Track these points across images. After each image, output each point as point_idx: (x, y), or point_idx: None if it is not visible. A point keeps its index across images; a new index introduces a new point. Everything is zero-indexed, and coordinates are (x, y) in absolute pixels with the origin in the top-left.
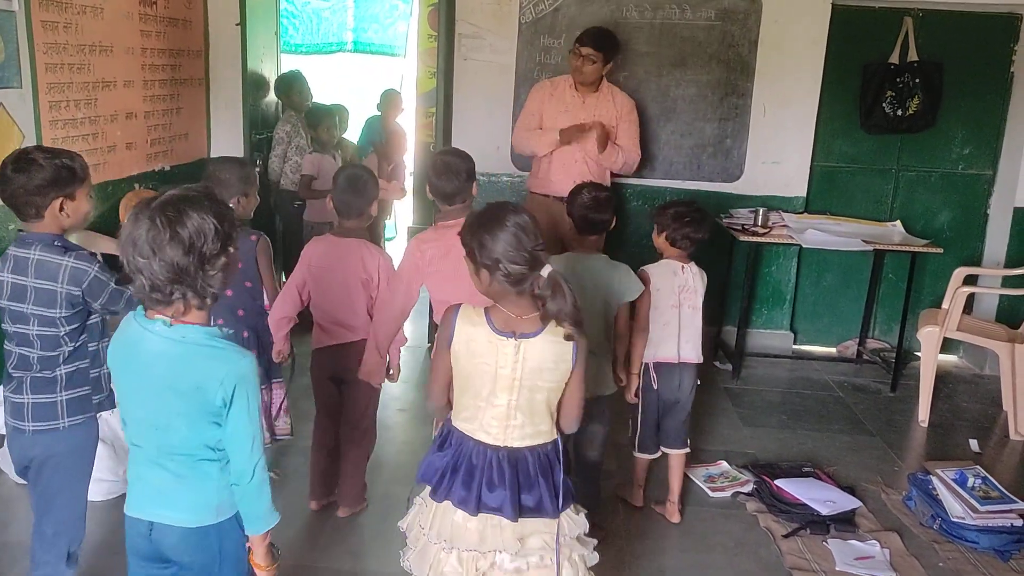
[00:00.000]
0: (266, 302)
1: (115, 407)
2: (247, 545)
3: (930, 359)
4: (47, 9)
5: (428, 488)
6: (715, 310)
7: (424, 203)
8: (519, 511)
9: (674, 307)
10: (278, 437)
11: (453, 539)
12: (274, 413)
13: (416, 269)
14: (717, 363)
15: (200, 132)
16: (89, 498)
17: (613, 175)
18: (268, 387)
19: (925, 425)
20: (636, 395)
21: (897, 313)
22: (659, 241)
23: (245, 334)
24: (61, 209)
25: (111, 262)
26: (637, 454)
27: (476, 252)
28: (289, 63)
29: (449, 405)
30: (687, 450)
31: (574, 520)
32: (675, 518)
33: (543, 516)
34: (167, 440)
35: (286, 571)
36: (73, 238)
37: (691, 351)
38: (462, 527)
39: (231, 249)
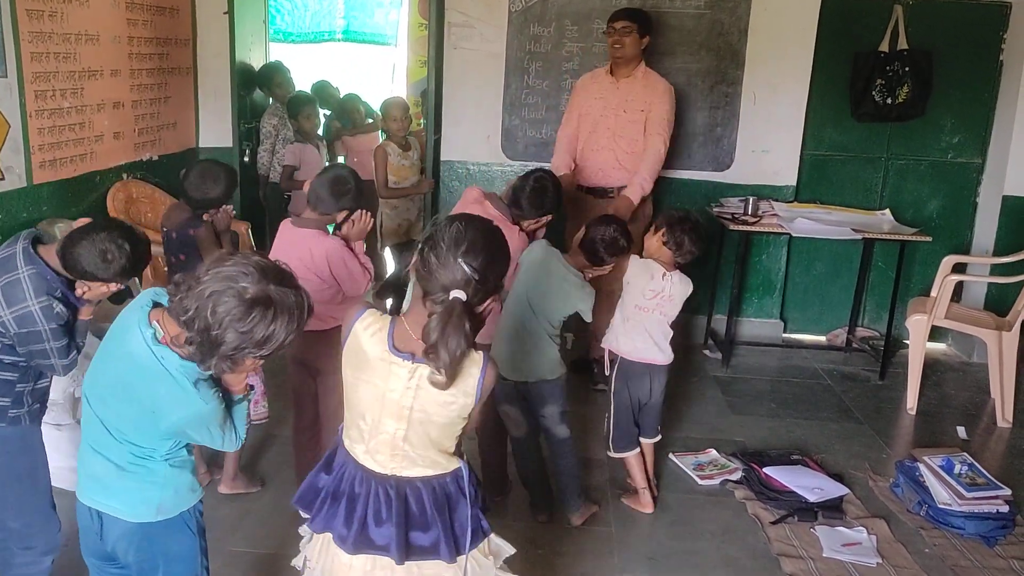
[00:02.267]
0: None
1: (38, 423)
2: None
3: (918, 347)
4: None
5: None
6: (705, 299)
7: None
8: (407, 552)
9: (640, 309)
10: (255, 421)
11: None
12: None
13: None
14: (707, 352)
15: (188, 122)
16: (67, 487)
17: None
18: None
19: (913, 413)
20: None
21: (887, 301)
22: (651, 240)
23: None
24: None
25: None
26: (613, 454)
27: (434, 230)
28: (279, 52)
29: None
30: (659, 438)
31: (480, 564)
32: (649, 508)
33: (438, 558)
34: (112, 432)
35: (278, 559)
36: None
37: (658, 353)
38: (346, 567)
39: (259, 354)
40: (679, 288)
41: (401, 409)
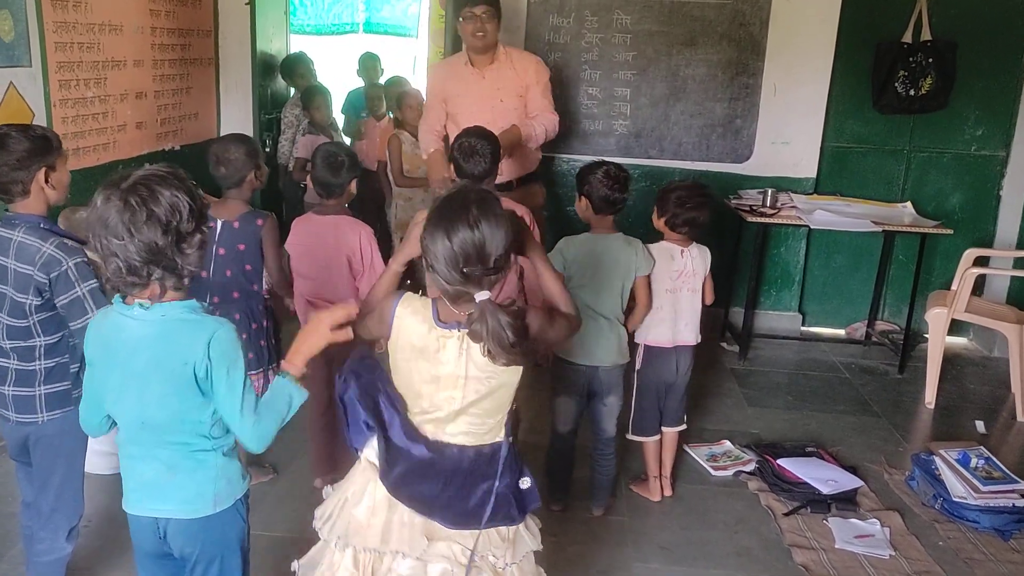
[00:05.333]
0: (265, 284)
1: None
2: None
3: (937, 340)
4: None
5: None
6: (723, 291)
7: None
8: (456, 518)
9: (669, 292)
10: None
11: (349, 535)
12: None
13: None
14: (724, 344)
15: (210, 112)
16: (95, 472)
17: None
18: (263, 372)
19: (932, 407)
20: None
21: (907, 295)
22: (659, 224)
23: (237, 316)
24: (47, 180)
25: None
26: (632, 436)
27: (425, 245)
28: (300, 44)
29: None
30: (683, 427)
31: (493, 543)
32: (656, 496)
33: (454, 527)
34: (156, 430)
35: (294, 543)
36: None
37: (689, 334)
38: (363, 524)
39: (205, 228)
40: (700, 260)
41: (456, 379)
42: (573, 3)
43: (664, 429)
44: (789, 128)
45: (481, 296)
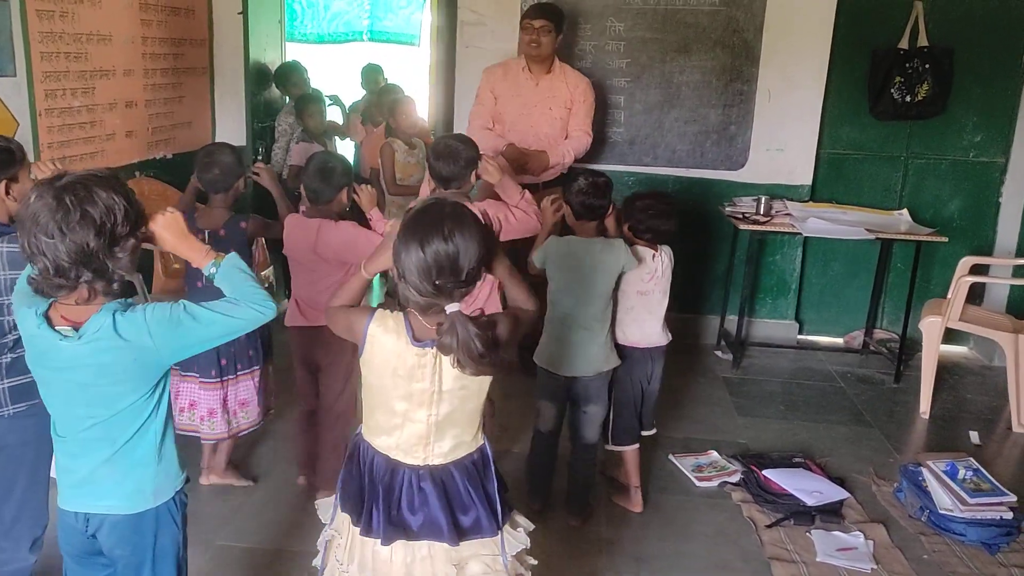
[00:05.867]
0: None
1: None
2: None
3: (931, 349)
4: None
5: (334, 517)
6: (719, 299)
7: None
8: (459, 533)
9: (641, 294)
10: (244, 431)
11: (376, 572)
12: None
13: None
14: (718, 353)
15: (204, 120)
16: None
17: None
18: (263, 369)
19: (926, 417)
20: None
21: (905, 303)
22: (624, 230)
23: None
24: (8, 192)
25: None
26: (611, 447)
27: (397, 255)
28: (300, 52)
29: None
30: (654, 431)
31: (514, 536)
32: (638, 507)
33: (482, 536)
34: (98, 427)
35: (268, 555)
36: None
37: (659, 336)
38: (386, 561)
39: (139, 233)
40: (668, 262)
41: (431, 395)
42: (566, 11)
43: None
44: (784, 135)
45: (451, 308)
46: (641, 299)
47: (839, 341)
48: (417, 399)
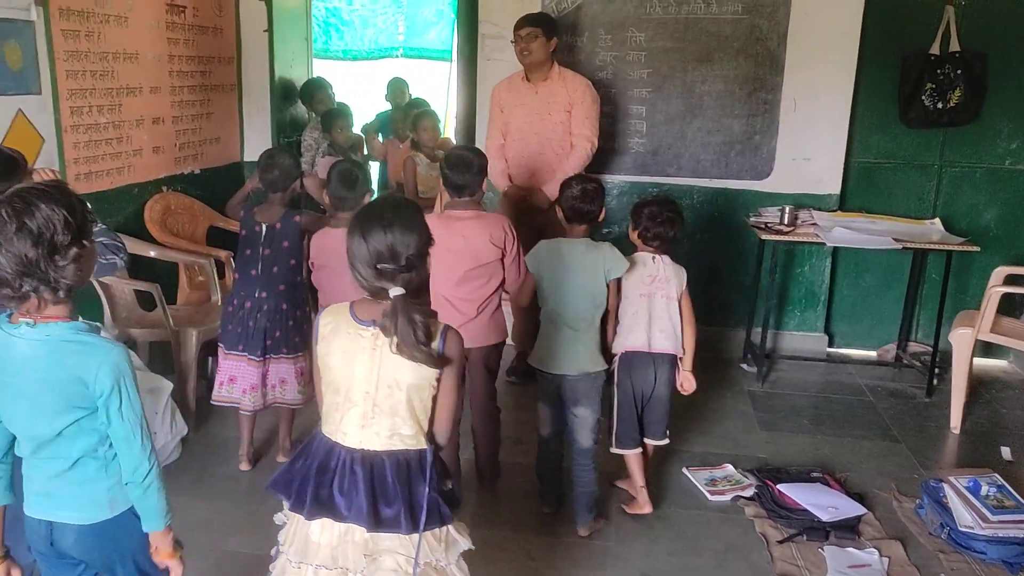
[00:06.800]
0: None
1: None
2: (152, 544)
3: (962, 362)
4: (68, 19)
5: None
6: (745, 311)
7: None
8: (376, 521)
9: (643, 296)
10: (292, 404)
11: (306, 555)
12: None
13: None
14: (744, 366)
15: (232, 136)
16: None
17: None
18: (306, 354)
19: (957, 432)
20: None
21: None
22: (632, 236)
23: (284, 306)
24: None
25: (133, 262)
26: (614, 449)
27: (348, 247)
28: (330, 68)
29: None
30: (666, 441)
31: (431, 547)
32: (647, 508)
33: (398, 531)
34: (47, 442)
35: (258, 560)
36: None
37: (664, 341)
38: (315, 544)
39: (85, 242)
40: (672, 269)
41: (369, 373)
42: (586, 22)
43: (648, 441)
44: (811, 144)
45: (394, 292)
46: (643, 302)
47: (872, 354)
48: (357, 377)
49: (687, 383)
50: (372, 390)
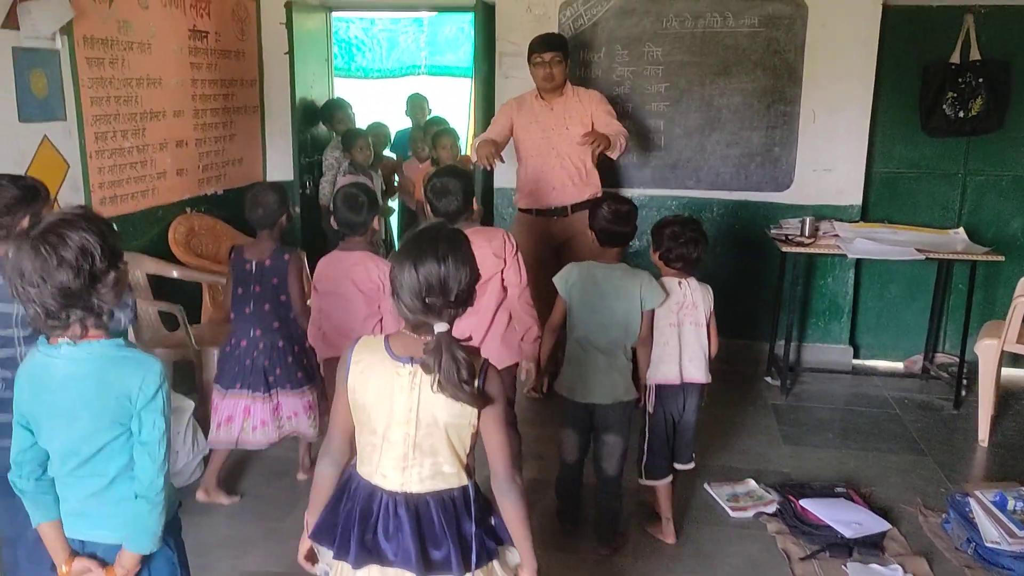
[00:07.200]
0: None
1: None
2: (118, 561)
3: (989, 373)
4: (92, 47)
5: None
6: (768, 324)
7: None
8: (426, 565)
9: (672, 326)
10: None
11: None
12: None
13: None
14: (768, 379)
15: (255, 157)
16: None
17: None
18: (307, 389)
19: (985, 445)
20: (640, 408)
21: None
22: (654, 258)
23: (280, 343)
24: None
25: (158, 283)
26: (644, 481)
27: (393, 273)
28: (352, 88)
29: (354, 452)
30: (692, 465)
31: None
32: (670, 538)
33: (448, 573)
34: (86, 460)
35: None
36: None
37: (695, 370)
38: None
39: (120, 264)
40: (699, 292)
41: (408, 413)
42: (603, 38)
43: (676, 466)
44: (831, 155)
45: (439, 328)
46: (672, 332)
47: (899, 366)
48: (395, 417)
49: None
50: (412, 430)
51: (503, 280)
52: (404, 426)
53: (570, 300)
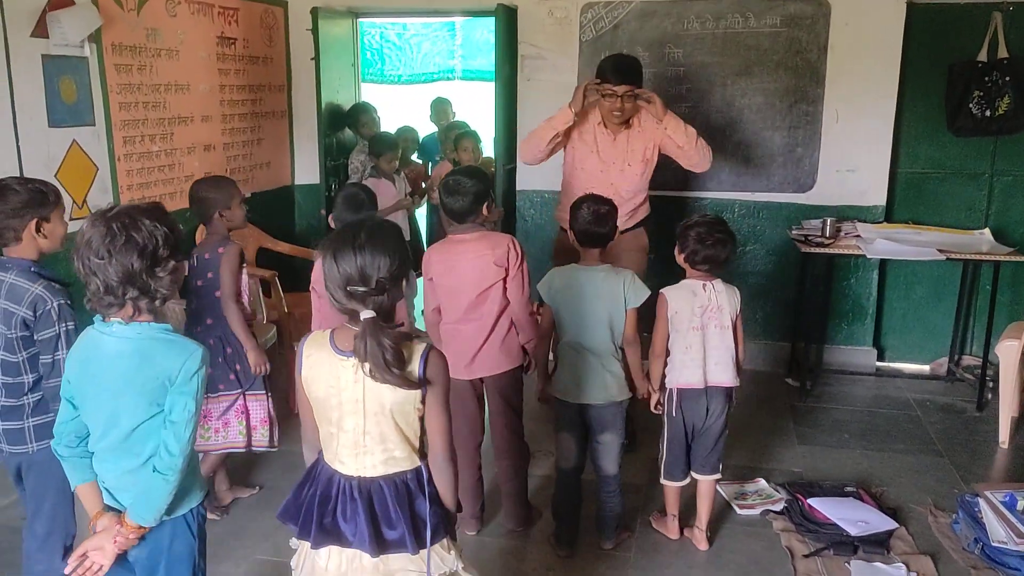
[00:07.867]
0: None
1: None
2: (114, 524)
3: (1009, 375)
4: (120, 54)
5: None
6: (789, 325)
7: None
8: (380, 545)
9: (696, 329)
10: (255, 448)
11: None
12: (252, 425)
13: (425, 276)
14: (789, 380)
15: (283, 161)
16: None
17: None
18: (240, 393)
19: (1005, 447)
20: (657, 409)
21: (993, 327)
22: (680, 260)
23: (211, 342)
24: (39, 230)
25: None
26: (663, 481)
27: (323, 269)
28: (379, 92)
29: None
30: (718, 476)
31: (442, 557)
32: (703, 545)
33: (403, 551)
34: (124, 437)
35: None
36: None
37: (721, 373)
38: (322, 570)
39: (180, 257)
40: (725, 295)
41: (355, 404)
42: (624, 40)
43: (696, 476)
44: (854, 155)
45: (365, 314)
46: (696, 335)
47: (925, 368)
48: (345, 408)
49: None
50: (360, 420)
51: (505, 288)
52: (353, 416)
53: (555, 306)
